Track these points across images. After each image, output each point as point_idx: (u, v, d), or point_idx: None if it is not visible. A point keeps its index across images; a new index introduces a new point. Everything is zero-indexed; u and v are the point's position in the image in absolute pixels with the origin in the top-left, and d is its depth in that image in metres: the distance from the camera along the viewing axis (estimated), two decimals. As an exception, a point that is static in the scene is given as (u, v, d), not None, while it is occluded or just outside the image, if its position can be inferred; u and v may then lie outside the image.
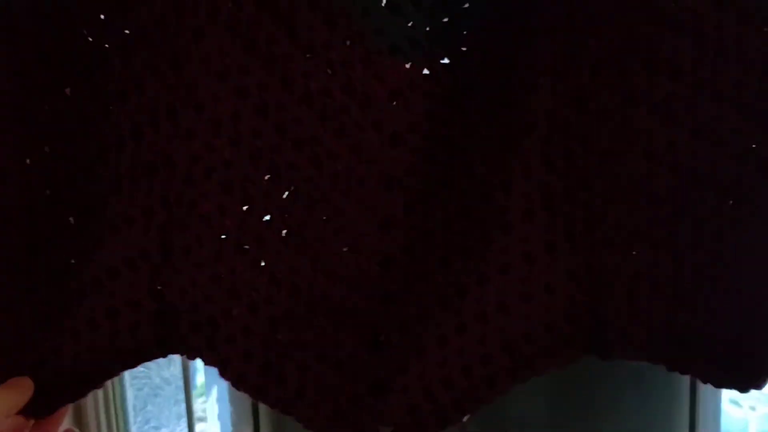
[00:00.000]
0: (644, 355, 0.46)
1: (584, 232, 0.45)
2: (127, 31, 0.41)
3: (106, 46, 0.41)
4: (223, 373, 0.45)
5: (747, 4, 0.41)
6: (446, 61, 0.45)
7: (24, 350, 0.43)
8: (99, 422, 0.72)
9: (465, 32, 0.44)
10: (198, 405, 0.77)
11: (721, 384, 0.48)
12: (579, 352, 0.46)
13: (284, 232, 0.45)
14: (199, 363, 0.50)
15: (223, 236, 0.44)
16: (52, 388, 0.43)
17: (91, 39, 0.41)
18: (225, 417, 0.64)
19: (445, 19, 0.44)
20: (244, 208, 0.44)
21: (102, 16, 0.41)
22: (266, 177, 0.44)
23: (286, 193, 0.44)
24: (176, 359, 0.77)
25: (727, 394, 0.99)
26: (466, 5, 0.44)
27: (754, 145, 0.41)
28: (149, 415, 0.77)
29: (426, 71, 0.44)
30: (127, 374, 0.78)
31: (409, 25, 0.43)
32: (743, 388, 0.47)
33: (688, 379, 0.56)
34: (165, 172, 0.43)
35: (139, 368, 0.59)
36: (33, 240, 0.42)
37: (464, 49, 0.45)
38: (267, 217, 0.44)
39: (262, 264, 0.44)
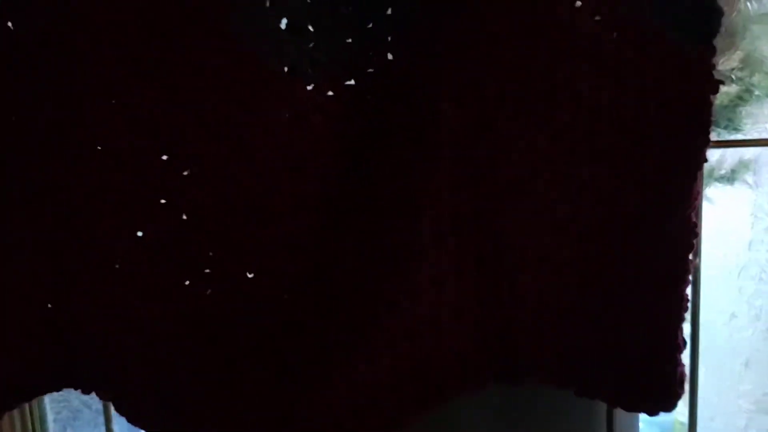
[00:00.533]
0: (553, 381, 0.45)
1: (493, 258, 0.44)
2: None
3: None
4: (119, 409, 0.43)
5: (644, 33, 0.40)
6: (352, 82, 0.44)
7: None
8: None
9: (371, 53, 0.43)
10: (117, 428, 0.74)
11: (630, 408, 0.47)
12: (489, 380, 0.45)
13: (182, 256, 0.43)
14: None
15: (116, 264, 0.42)
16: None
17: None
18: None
19: (349, 40, 0.43)
20: (139, 233, 0.42)
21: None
22: (162, 200, 0.42)
23: (184, 216, 0.43)
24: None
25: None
26: (370, 26, 0.43)
27: (652, 172, 0.41)
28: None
29: (330, 92, 0.43)
30: (47, 398, 0.75)
31: (310, 46, 0.42)
32: (652, 412, 0.47)
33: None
34: (54, 194, 0.41)
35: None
36: None
37: (371, 70, 0.44)
38: (164, 240, 0.43)
39: (159, 290, 0.43)
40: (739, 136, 0.54)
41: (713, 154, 0.55)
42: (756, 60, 0.52)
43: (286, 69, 0.41)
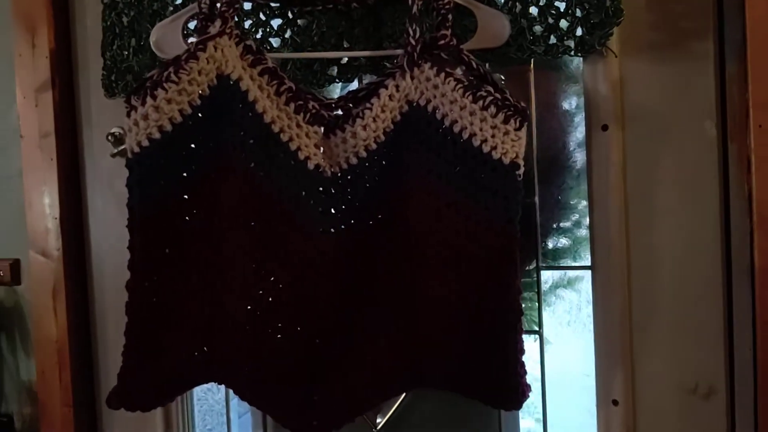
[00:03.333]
0: (446, 387, 0.90)
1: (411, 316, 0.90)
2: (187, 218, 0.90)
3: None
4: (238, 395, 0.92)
5: (474, 216, 0.87)
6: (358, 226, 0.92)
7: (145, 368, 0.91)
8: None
9: (370, 212, 0.91)
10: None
11: (495, 405, 0.90)
12: (407, 386, 0.91)
13: (273, 320, 0.91)
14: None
15: (246, 326, 0.91)
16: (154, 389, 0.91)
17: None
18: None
19: (357, 203, 0.91)
20: (248, 307, 0.91)
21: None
22: (260, 292, 0.91)
23: (270, 298, 0.91)
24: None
25: None
26: (365, 198, 0.91)
27: (494, 278, 0.86)
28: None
29: (346, 235, 0.91)
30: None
31: (335, 203, 0.91)
32: (507, 408, 0.90)
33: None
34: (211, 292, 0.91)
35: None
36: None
37: (371, 222, 0.92)
38: (265, 315, 0.91)
39: (256, 344, 0.91)
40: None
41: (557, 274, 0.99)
42: (583, 222, 0.97)
43: (319, 213, 0.90)
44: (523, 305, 0.88)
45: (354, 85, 1.03)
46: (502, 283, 0.87)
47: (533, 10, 0.91)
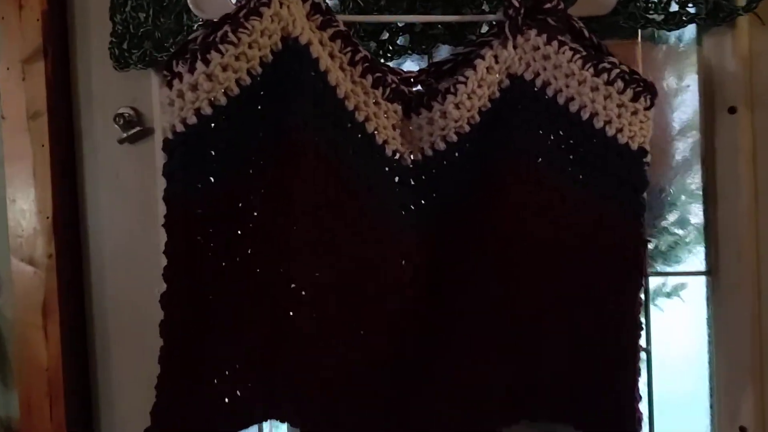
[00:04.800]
0: (561, 419, 0.75)
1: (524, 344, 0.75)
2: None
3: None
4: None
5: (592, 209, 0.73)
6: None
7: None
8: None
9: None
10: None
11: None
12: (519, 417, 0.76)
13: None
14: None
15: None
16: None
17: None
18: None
19: (434, 194, 0.75)
20: (320, 323, 0.74)
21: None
22: (335, 304, 0.73)
23: (346, 312, 0.74)
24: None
25: None
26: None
27: (611, 295, 0.73)
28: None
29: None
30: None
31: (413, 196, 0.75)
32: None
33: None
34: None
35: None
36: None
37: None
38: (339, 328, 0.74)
39: (331, 367, 0.73)
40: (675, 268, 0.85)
41: (655, 280, 0.87)
42: (685, 220, 0.84)
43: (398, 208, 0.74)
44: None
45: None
46: (623, 294, 0.74)
47: (648, -26, 0.78)
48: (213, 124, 0.69)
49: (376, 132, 0.74)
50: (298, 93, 0.70)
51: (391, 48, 0.82)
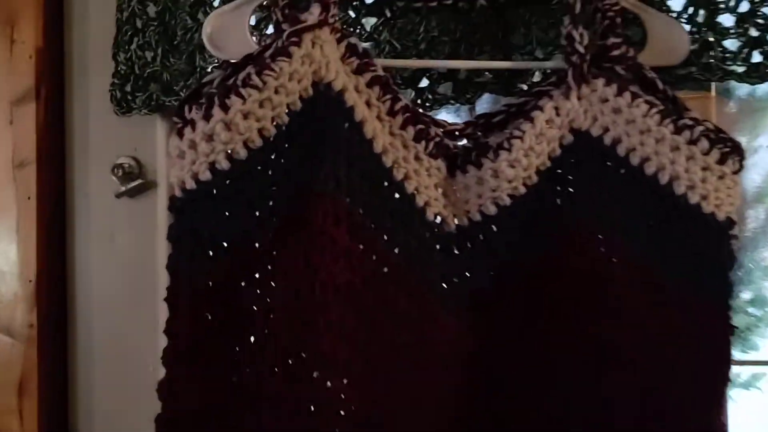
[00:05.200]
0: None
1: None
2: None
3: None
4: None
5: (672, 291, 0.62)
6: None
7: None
8: None
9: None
10: None
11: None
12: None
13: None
14: None
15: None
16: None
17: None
18: None
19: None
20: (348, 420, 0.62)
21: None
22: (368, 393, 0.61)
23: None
24: None
25: None
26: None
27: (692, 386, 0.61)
28: None
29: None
30: None
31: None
32: None
33: None
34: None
35: None
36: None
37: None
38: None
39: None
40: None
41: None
42: (762, 299, 0.73)
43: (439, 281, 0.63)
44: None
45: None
46: (706, 391, 0.62)
47: (726, 19, 0.69)
48: (229, 182, 0.59)
49: (416, 192, 0.64)
50: (330, 147, 0.60)
51: (431, 97, 0.73)
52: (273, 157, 0.60)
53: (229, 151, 0.58)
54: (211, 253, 0.59)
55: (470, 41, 0.72)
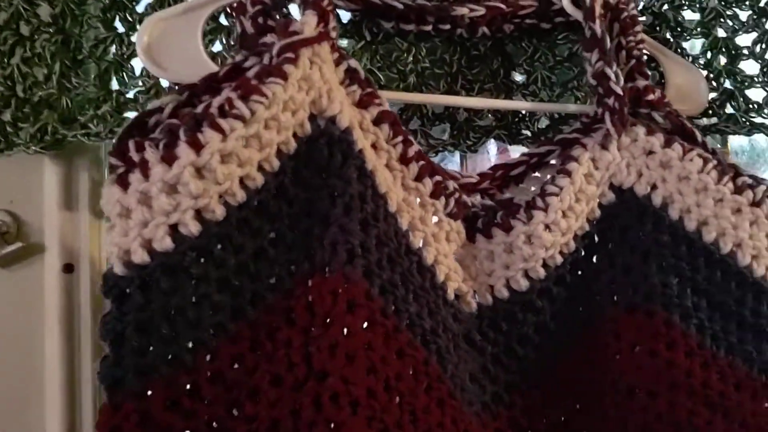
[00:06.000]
0: None
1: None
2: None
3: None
4: None
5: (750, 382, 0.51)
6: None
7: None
8: None
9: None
10: None
11: None
12: None
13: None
14: None
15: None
16: None
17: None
18: None
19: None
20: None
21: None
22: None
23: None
24: None
25: None
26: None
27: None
28: None
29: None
30: None
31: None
32: None
33: None
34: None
35: None
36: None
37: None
38: None
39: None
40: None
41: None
42: None
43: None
44: None
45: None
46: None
47: (749, 66, 0.61)
48: (197, 254, 0.40)
49: (436, 264, 0.49)
50: (338, 205, 0.44)
51: (423, 142, 0.58)
52: (258, 217, 0.42)
53: (202, 208, 0.40)
54: (170, 357, 0.40)
55: (468, 77, 0.59)
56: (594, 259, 0.53)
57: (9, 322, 0.57)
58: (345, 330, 0.42)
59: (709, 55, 0.62)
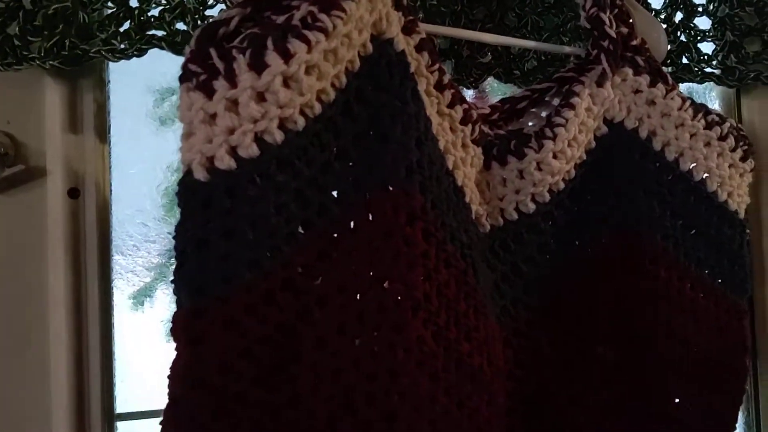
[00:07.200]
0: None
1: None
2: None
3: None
4: None
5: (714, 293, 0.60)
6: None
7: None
8: None
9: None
10: None
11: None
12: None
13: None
14: None
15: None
16: None
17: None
18: None
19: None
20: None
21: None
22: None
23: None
24: None
25: None
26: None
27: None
28: None
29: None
30: None
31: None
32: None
33: None
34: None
35: None
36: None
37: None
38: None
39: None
40: None
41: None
42: None
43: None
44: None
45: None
46: (730, 394, 0.62)
47: (701, 22, 0.70)
48: (278, 162, 0.41)
49: (464, 186, 0.53)
50: (396, 123, 0.46)
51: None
52: (327, 131, 0.44)
53: (284, 119, 0.41)
54: (251, 263, 0.41)
55: (470, 16, 0.63)
56: (589, 186, 0.59)
57: (9, 251, 0.54)
58: (406, 239, 0.45)
59: (669, 10, 0.69)
